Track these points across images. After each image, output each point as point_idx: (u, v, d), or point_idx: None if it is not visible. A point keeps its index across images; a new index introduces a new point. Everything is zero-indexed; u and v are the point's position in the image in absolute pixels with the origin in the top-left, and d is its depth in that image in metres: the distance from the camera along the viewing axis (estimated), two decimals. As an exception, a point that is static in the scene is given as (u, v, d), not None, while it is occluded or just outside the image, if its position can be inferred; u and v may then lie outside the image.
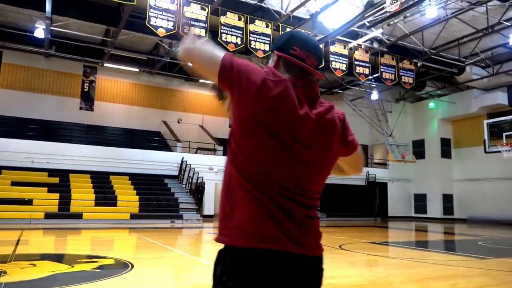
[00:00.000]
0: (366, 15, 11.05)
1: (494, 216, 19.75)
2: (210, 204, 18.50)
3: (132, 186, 16.16)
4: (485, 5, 13.88)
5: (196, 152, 20.04)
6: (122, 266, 5.65)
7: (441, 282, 5.20)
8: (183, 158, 18.20)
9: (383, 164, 24.07)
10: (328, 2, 13.25)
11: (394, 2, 8.76)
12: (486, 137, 12.19)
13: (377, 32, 15.35)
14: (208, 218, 17.59)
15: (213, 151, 20.45)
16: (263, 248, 1.13)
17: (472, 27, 15.96)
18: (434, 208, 22.34)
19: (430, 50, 17.19)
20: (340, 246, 8.74)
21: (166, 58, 17.93)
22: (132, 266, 5.60)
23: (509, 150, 11.44)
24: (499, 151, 11.88)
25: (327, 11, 12.87)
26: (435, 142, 22.76)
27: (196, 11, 13.28)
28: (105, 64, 19.10)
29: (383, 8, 10.67)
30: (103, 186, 15.59)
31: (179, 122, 21.63)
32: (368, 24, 13.80)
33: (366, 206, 21.52)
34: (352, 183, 21.39)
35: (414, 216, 23.23)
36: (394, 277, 5.66)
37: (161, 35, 12.85)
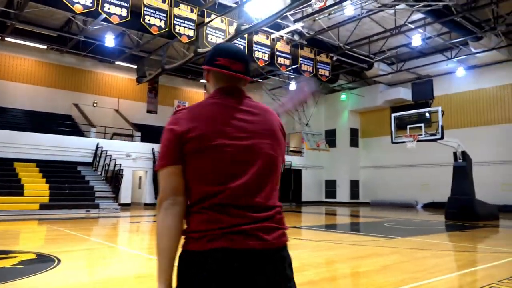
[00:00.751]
0: (292, 9, 11.42)
1: (393, 200, 21.94)
2: (127, 192, 17.83)
3: (41, 174, 14.91)
4: (393, 7, 15.15)
5: (111, 138, 19.09)
6: (47, 261, 5.29)
7: (363, 261, 5.74)
8: (98, 144, 17.22)
9: (298, 152, 25.24)
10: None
11: (319, 1, 9.19)
12: (393, 129, 13.43)
13: (298, 25, 15.94)
14: (125, 206, 16.96)
15: (130, 137, 19.64)
16: None
17: (382, 26, 17.34)
18: (343, 193, 24.12)
19: (345, 46, 18.32)
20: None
21: (80, 37, 16.69)
22: (59, 261, 5.27)
23: (412, 141, 12.77)
24: (404, 142, 13.19)
25: (253, 0, 13.00)
26: (345, 132, 24.45)
27: (116, -11, 12.52)
28: (7, 39, 17.20)
29: (307, 2, 11.14)
30: (6, 174, 14.16)
31: (94, 106, 20.36)
32: (292, 19, 14.28)
33: (282, 192, 22.41)
34: (269, 170, 22.12)
35: (325, 200, 24.83)
36: (320, 258, 6.09)
37: (77, 12, 11.93)
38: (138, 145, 18.69)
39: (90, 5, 11.94)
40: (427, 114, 13.86)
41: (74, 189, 14.88)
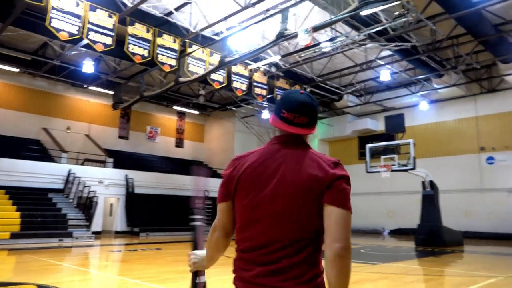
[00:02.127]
0: (275, 45, 12.02)
1: (362, 226, 22.61)
2: (99, 219, 17.39)
3: (11, 201, 14.37)
4: (364, 46, 16.18)
5: (83, 164, 18.71)
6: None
7: (358, 287, 6.08)
8: (70, 170, 16.84)
9: (269, 179, 25.62)
10: (235, 26, 14.03)
11: (306, 38, 9.81)
12: (367, 159, 14.14)
13: (275, 58, 16.62)
14: (95, 234, 16.51)
15: (102, 163, 19.32)
16: None
17: (353, 61, 18.38)
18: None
19: (318, 78, 19.21)
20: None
21: (56, 61, 16.55)
22: (66, 291, 5.26)
23: (386, 171, 13.49)
24: (378, 171, 13.89)
25: (235, 35, 13.53)
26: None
27: (103, 18, 12.69)
28: (-22, 61, 16.76)
29: (290, 39, 11.80)
30: (-26, 201, 13.57)
31: (68, 132, 19.93)
32: (270, 52, 14.96)
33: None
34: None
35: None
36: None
37: (62, 39, 11.95)
38: (110, 172, 18.41)
39: (76, 32, 12.01)
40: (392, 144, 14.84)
41: (46, 217, 14.40)
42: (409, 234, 18.71)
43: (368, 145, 14.41)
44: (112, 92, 19.82)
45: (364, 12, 11.73)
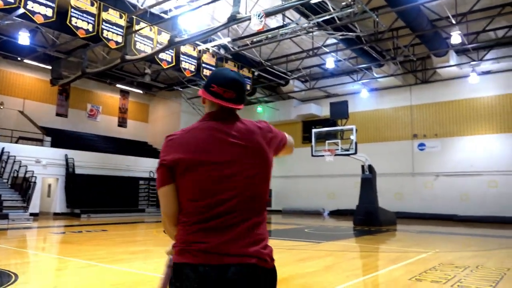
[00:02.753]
0: (227, 27, 11.99)
1: (303, 207, 23.57)
2: (36, 201, 16.55)
3: None
4: (311, 33, 16.59)
5: (17, 142, 17.60)
6: (4, 276, 5.07)
7: (307, 263, 6.48)
8: (3, 148, 15.79)
9: (215, 161, 25.72)
10: (185, 5, 13.78)
11: (259, 23, 9.91)
12: (313, 143, 14.70)
13: (225, 40, 16.56)
14: (33, 216, 15.74)
15: (39, 141, 18.28)
16: None
17: (300, 47, 18.81)
18: (257, 201, 25.17)
19: (266, 62, 19.43)
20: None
21: (-14, 31, 15.26)
22: (16, 276, 5.09)
23: (330, 155, 14.14)
24: (323, 155, 14.51)
25: (185, 14, 13.30)
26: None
27: (42, -13, 11.86)
28: None
29: (242, 22, 11.84)
30: None
31: (0, 107, 18.54)
32: (221, 36, 14.90)
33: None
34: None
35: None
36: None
37: (-3, 7, 11.05)
38: (49, 151, 17.51)
39: (12, 1, 11.16)
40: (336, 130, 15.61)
41: (-23, 198, 13.51)
42: (347, 215, 19.85)
43: (314, 130, 14.97)
44: (49, 67, 18.65)
45: (313, 0, 12.07)
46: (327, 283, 4.94)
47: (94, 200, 17.48)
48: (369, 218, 13.72)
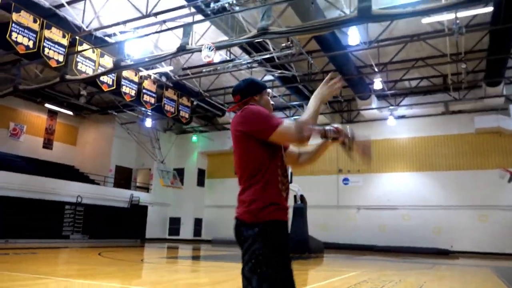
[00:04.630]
0: (175, 56, 12.43)
1: (233, 237, 23.73)
2: None
3: None
4: (251, 68, 17.61)
5: None
6: None
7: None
8: None
9: (145, 188, 25.22)
10: (130, 31, 14.05)
11: (209, 55, 10.53)
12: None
13: (167, 68, 16.96)
14: None
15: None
16: None
17: (238, 80, 19.65)
18: (186, 231, 24.98)
19: (204, 93, 20.03)
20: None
21: None
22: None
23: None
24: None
25: (132, 39, 13.56)
26: (193, 172, 25.75)
27: (-18, -2, 11.48)
28: None
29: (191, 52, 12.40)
30: None
31: None
32: (163, 65, 15.31)
33: (128, 228, 22.00)
34: (115, 205, 21.58)
35: (168, 238, 25.18)
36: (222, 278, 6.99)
37: None
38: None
39: (-51, 9, 10.65)
40: None
41: None
42: (276, 244, 20.46)
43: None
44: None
45: (257, 40, 13.05)
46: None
47: (14, 224, 16.27)
48: (300, 246, 14.46)
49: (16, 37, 12.26)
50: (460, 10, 11.26)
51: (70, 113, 23.09)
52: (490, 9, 11.47)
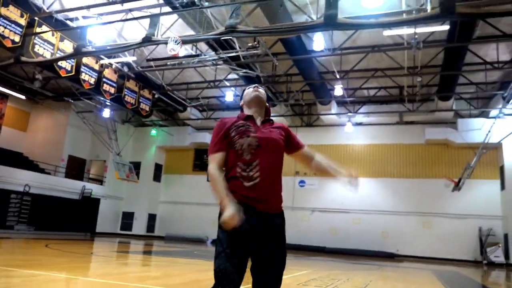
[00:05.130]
0: (141, 47, 12.20)
1: (187, 235, 23.64)
2: None
3: None
4: (216, 65, 17.59)
5: None
6: None
7: (210, 272, 6.92)
8: None
9: (99, 181, 24.48)
10: (93, 16, 13.66)
11: (175, 48, 10.42)
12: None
13: (129, 58, 16.58)
14: None
15: None
16: None
17: (202, 76, 19.64)
18: (139, 226, 24.48)
19: (167, 86, 19.76)
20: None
21: None
22: None
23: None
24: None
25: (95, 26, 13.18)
26: (150, 166, 25.28)
27: None
28: None
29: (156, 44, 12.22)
30: None
31: None
32: (126, 54, 14.96)
33: (78, 221, 21.25)
34: (65, 196, 20.80)
35: (120, 232, 24.56)
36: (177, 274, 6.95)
37: None
38: None
39: None
40: None
41: None
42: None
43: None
44: None
45: (224, 37, 13.07)
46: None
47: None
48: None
49: (-31, 13, 11.58)
50: (419, 26, 11.86)
51: (22, 97, 21.93)
52: (446, 27, 12.18)
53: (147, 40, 11.50)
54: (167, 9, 12.09)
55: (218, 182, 2.27)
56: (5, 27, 12.55)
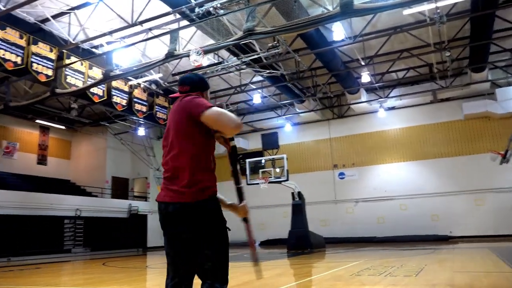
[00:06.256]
0: (164, 63, 12.55)
1: (235, 239, 23.74)
2: None
3: None
4: (239, 71, 17.72)
5: None
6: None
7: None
8: None
9: (143, 197, 25.22)
10: (116, 41, 14.15)
11: (197, 59, 10.65)
12: (247, 172, 15.50)
13: (156, 76, 17.04)
14: None
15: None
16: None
17: (228, 83, 19.86)
18: (187, 237, 24.94)
19: (195, 98, 20.07)
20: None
21: None
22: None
23: (264, 182, 14.99)
24: (258, 183, 15.29)
25: (120, 49, 13.65)
26: (189, 177, 25.75)
27: (-33, 18, 11.51)
28: None
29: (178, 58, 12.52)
30: None
31: None
32: (152, 72, 15.43)
33: (129, 238, 21.99)
34: (114, 215, 21.57)
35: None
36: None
37: None
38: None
39: None
40: (263, 161, 16.67)
41: None
42: (278, 244, 20.60)
43: (248, 160, 15.83)
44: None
45: (243, 41, 13.20)
46: (282, 282, 5.56)
47: (14, 242, 16.24)
48: (301, 242, 14.60)
49: (4, 54, 12.30)
50: (439, 0, 11.49)
51: (62, 127, 23.06)
52: (469, -4, 11.72)
53: (170, 56, 11.83)
54: (184, 22, 12.34)
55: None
56: (38, 63, 13.25)
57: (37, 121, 21.92)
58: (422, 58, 17.58)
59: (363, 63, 16.80)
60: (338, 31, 13.68)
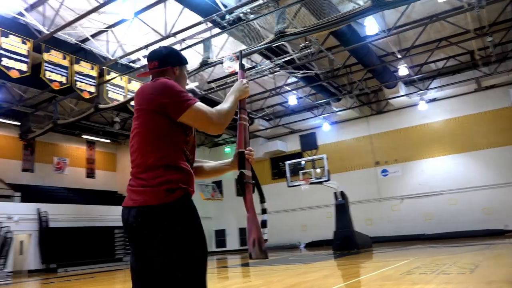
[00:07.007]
0: (199, 72, 12.81)
1: (279, 242, 23.74)
2: (9, 258, 15.94)
3: None
4: (274, 73, 17.74)
5: (-17, 200, 17.08)
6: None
7: (307, 275, 6.97)
8: (-27, 207, 15.32)
9: (186, 205, 25.69)
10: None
11: (231, 66, 10.79)
12: (288, 175, 15.48)
13: (192, 84, 17.39)
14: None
15: (8, 197, 17.79)
16: None
17: (262, 87, 19.93)
18: (232, 241, 25.26)
19: (231, 104, 20.30)
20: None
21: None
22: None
23: (304, 184, 14.91)
24: (298, 185, 15.23)
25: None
26: (231, 182, 26.01)
27: (15, 44, 12.27)
28: None
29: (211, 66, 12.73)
30: None
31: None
32: (188, 82, 15.69)
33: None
34: (160, 224, 22.12)
35: (216, 250, 25.51)
36: (294, 280, 7.12)
37: (-28, 65, 11.28)
38: (20, 206, 17.09)
39: (-12, 58, 11.45)
40: (303, 162, 16.56)
41: None
42: (323, 245, 20.37)
43: (287, 162, 15.80)
44: (14, 123, 18.64)
45: (275, 44, 13.22)
46: (330, 283, 5.49)
47: (69, 252, 17.08)
48: (347, 242, 14.36)
49: (50, 75, 13.00)
50: (477, -17, 11.01)
51: (107, 141, 24.03)
52: (509, -24, 11.15)
53: (204, 64, 12.05)
54: (216, 30, 12.53)
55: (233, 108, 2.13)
56: (81, 81, 13.89)
57: (84, 136, 22.97)
58: (462, 46, 16.86)
59: (399, 56, 16.36)
60: (371, 25, 13.40)
